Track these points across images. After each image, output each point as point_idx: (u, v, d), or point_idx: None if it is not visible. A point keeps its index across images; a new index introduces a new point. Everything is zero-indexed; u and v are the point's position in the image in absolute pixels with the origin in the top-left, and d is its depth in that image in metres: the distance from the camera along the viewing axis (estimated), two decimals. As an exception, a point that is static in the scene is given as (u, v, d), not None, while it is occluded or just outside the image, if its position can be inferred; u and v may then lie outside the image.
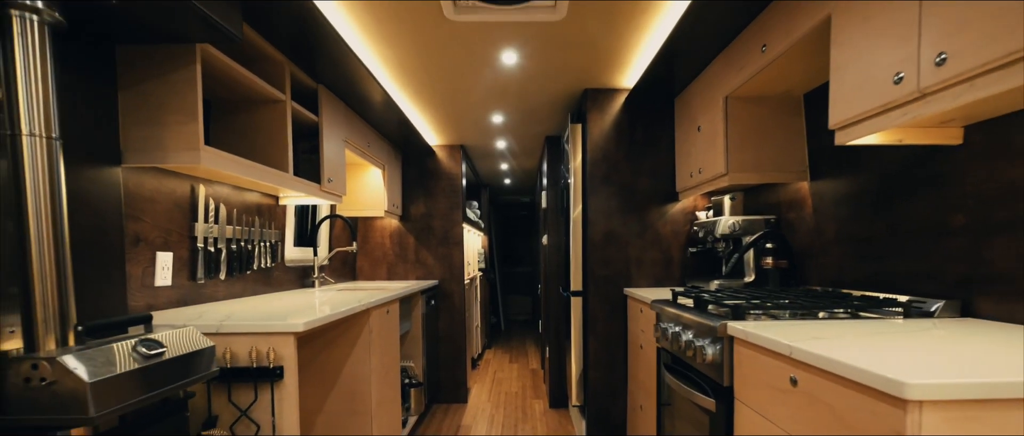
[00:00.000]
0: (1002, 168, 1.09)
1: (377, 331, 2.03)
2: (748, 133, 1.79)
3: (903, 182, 1.36)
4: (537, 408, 3.38)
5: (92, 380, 0.85)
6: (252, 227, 2.05)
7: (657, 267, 2.40)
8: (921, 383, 0.65)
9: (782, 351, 0.95)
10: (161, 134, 1.31)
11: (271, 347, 1.32)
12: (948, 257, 1.23)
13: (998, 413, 0.66)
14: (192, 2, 1.12)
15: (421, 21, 1.70)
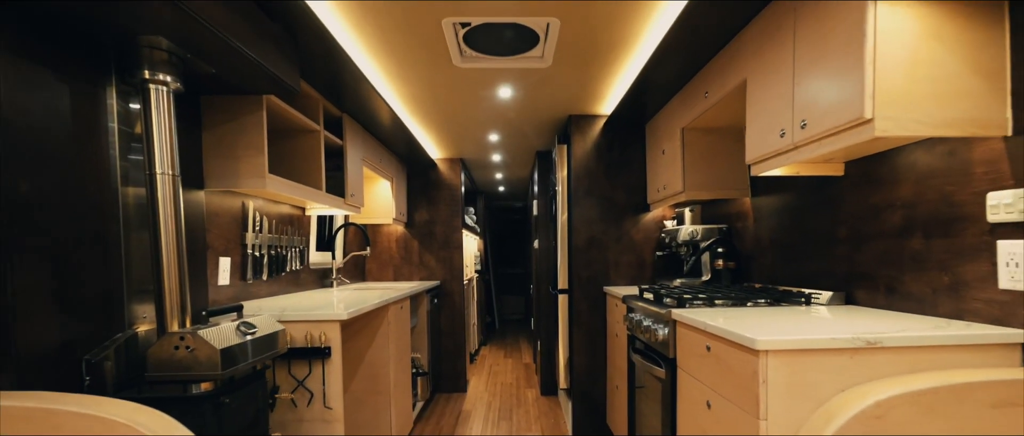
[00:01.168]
0: (868, 193, 1.49)
1: (394, 324, 2.40)
2: (701, 158, 2.19)
3: (810, 202, 1.77)
4: (529, 396, 3.77)
5: (220, 347, 1.22)
6: (285, 235, 2.41)
7: (632, 268, 2.80)
8: (765, 339, 1.05)
9: (701, 327, 1.34)
10: (235, 165, 1.68)
11: (322, 331, 1.69)
12: (837, 260, 1.64)
13: (809, 357, 1.06)
14: (267, 68, 1.49)
15: (432, 66, 2.08)
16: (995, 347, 1.08)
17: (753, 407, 1.10)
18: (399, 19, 1.65)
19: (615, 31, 1.77)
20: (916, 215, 1.32)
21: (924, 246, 1.29)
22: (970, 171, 1.16)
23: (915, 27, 1.04)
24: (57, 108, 1.17)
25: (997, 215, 1.09)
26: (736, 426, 1.18)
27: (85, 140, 1.24)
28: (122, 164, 1.36)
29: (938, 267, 1.26)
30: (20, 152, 1.07)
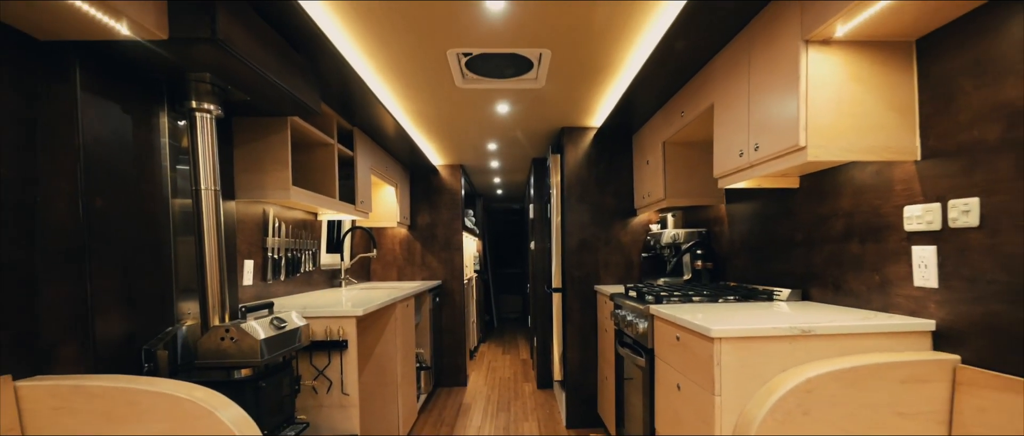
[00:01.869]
0: (817, 204, 1.71)
1: (400, 320, 2.62)
2: (681, 168, 2.41)
3: (773, 210, 1.99)
4: (526, 389, 3.98)
5: (261, 338, 1.43)
6: (299, 239, 2.62)
7: (620, 269, 3.02)
8: (718, 328, 1.26)
9: (672, 320, 1.56)
10: (263, 178, 1.89)
11: (340, 326, 1.90)
12: (795, 262, 1.86)
13: (755, 343, 1.27)
14: (293, 94, 1.70)
15: (437, 86, 2.29)
16: (909, 334, 1.31)
17: (710, 386, 1.32)
18: (408, 49, 1.86)
19: (601, 57, 1.99)
20: (854, 223, 1.54)
21: (861, 250, 1.52)
22: (892, 188, 1.38)
23: (839, 70, 1.26)
24: (123, 135, 1.38)
25: (912, 225, 1.32)
26: (698, 403, 1.40)
27: (143, 160, 1.45)
28: (172, 176, 1.57)
29: (871, 268, 1.48)
30: (97, 174, 1.28)
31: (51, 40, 1.19)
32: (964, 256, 1.19)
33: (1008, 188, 1.07)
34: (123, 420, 1.16)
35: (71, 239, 1.22)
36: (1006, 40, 1.07)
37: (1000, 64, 1.08)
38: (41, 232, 1.20)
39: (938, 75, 1.23)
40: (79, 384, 1.17)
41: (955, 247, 1.21)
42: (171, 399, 1.18)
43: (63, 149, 1.21)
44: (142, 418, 1.16)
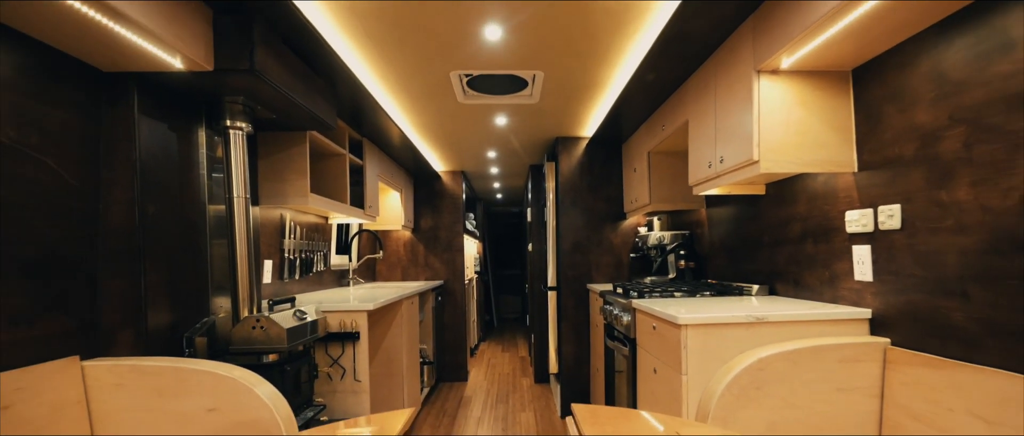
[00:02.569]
0: (780, 209, 1.92)
1: (406, 316, 2.82)
2: (664, 176, 2.62)
3: (745, 214, 2.20)
4: (524, 384, 4.18)
5: (287, 327, 1.64)
6: (312, 241, 2.83)
7: (611, 269, 3.22)
8: (685, 317, 1.47)
9: (649, 311, 1.76)
10: (284, 187, 2.10)
11: (353, 319, 2.10)
12: (763, 261, 2.06)
13: (717, 329, 1.48)
14: (314, 112, 1.91)
15: (440, 101, 2.50)
16: (850, 321, 1.51)
17: (678, 367, 1.52)
18: (415, 70, 2.07)
19: (589, 78, 2.20)
20: (809, 226, 1.74)
21: (814, 250, 1.72)
22: (837, 195, 1.59)
23: (787, 96, 1.47)
24: (169, 150, 1.58)
25: (852, 227, 1.52)
26: (670, 383, 1.60)
27: (185, 171, 1.66)
28: (207, 185, 1.78)
29: (822, 265, 1.68)
30: (150, 185, 1.49)
31: (114, 71, 1.40)
32: (891, 254, 1.39)
33: (921, 197, 1.28)
34: (173, 395, 1.37)
35: (128, 241, 1.43)
36: (917, 74, 1.27)
37: (913, 94, 1.28)
38: (102, 234, 1.41)
39: (868, 100, 1.43)
40: (136, 364, 1.38)
41: (884, 246, 1.41)
42: (214, 377, 1.38)
43: (122, 163, 1.42)
44: (190, 393, 1.37)
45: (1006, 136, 1.06)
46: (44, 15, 1.10)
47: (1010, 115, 1.05)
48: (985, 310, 1.13)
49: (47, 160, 1.25)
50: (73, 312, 1.34)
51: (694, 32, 1.60)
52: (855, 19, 1.18)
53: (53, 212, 1.27)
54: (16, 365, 1.18)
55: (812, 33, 1.24)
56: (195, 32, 1.34)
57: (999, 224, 1.08)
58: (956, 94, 1.17)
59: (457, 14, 1.60)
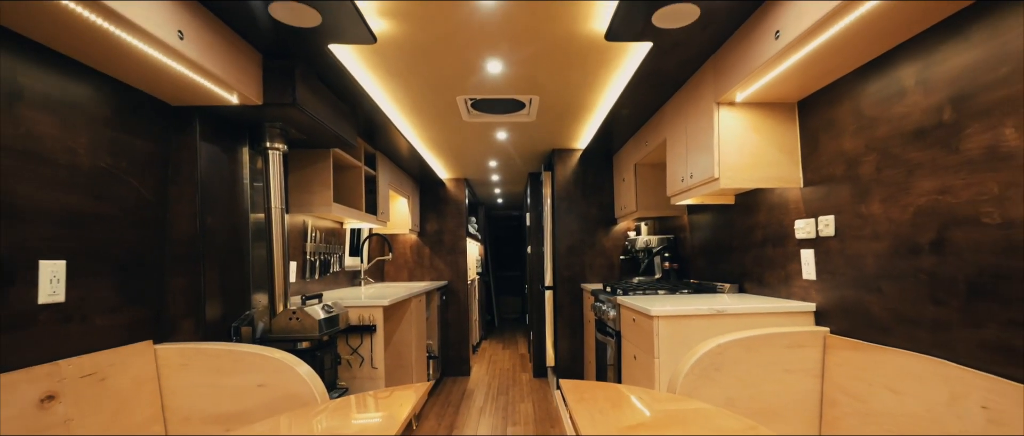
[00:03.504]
0: (746, 217, 2.19)
1: (415, 313, 3.09)
2: (649, 185, 2.89)
3: (719, 221, 2.47)
4: (523, 378, 4.45)
5: (318, 319, 1.91)
6: (329, 244, 3.10)
7: (603, 269, 3.50)
8: (656, 310, 1.74)
9: (630, 306, 2.03)
10: (310, 197, 2.38)
11: (370, 314, 2.38)
12: (734, 262, 2.33)
13: (684, 320, 1.75)
14: (339, 134, 2.18)
15: (446, 119, 2.78)
16: (798, 314, 1.78)
17: (652, 352, 1.79)
18: (425, 95, 2.35)
19: (581, 100, 2.47)
20: (768, 233, 2.02)
21: (773, 252, 1.99)
22: (788, 207, 1.86)
23: (742, 123, 1.75)
24: (221, 168, 1.87)
25: (800, 234, 1.79)
26: (646, 366, 1.87)
27: (232, 186, 1.94)
28: (250, 196, 2.06)
29: (779, 267, 1.95)
30: (207, 199, 1.77)
31: (181, 105, 1.69)
32: (828, 257, 1.66)
33: (848, 209, 1.55)
34: (229, 373, 1.64)
35: (190, 246, 1.71)
36: (843, 109, 1.55)
37: (841, 125, 1.56)
38: (170, 240, 1.69)
39: (809, 128, 1.71)
40: (198, 347, 1.65)
41: (823, 250, 1.69)
42: (263, 358, 1.66)
43: (186, 181, 1.70)
44: (243, 371, 1.64)
45: (904, 163, 1.33)
46: (140, 67, 1.38)
47: (905, 147, 1.32)
48: (893, 302, 1.40)
49: (132, 180, 1.53)
50: (148, 304, 1.62)
51: (665, 69, 1.88)
52: (789, 66, 1.46)
53: (135, 222, 1.55)
54: (109, 346, 1.46)
55: (756, 76, 1.52)
56: (250, 74, 1.63)
57: (900, 233, 1.36)
58: (870, 127, 1.44)
59: (464, 53, 1.88)
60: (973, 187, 1.13)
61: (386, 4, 1.51)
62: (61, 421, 1.27)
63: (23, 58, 1.19)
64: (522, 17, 1.60)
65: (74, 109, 1.33)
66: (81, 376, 1.34)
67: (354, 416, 1.28)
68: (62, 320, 1.31)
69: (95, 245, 1.40)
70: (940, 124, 1.21)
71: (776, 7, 1.35)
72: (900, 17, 1.17)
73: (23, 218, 1.19)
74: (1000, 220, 1.08)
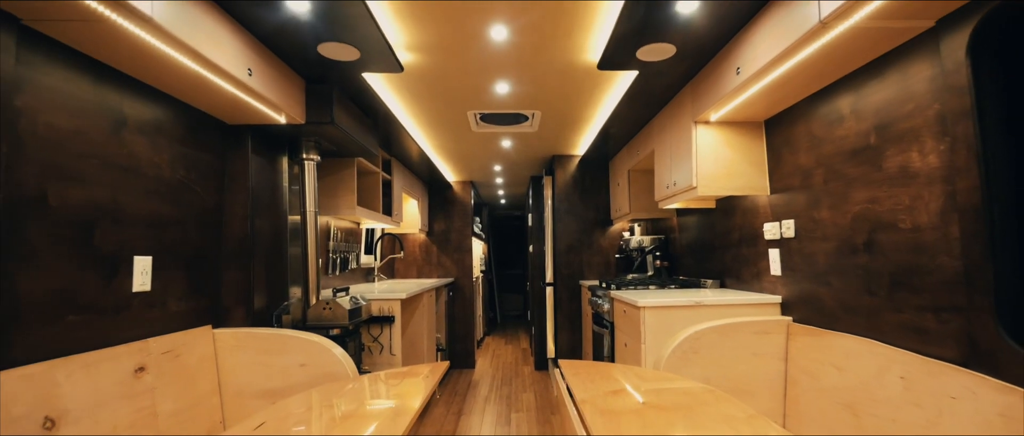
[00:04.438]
0: (725, 220, 2.46)
1: (427, 307, 3.37)
2: (641, 190, 3.16)
3: (703, 223, 2.74)
4: (525, 370, 4.72)
5: (347, 309, 2.19)
6: (348, 243, 3.38)
7: (600, 267, 3.77)
8: (643, 302, 2.01)
9: (621, 299, 2.31)
10: (336, 201, 2.66)
11: (389, 306, 2.66)
12: (717, 260, 2.60)
13: (667, 310, 2.02)
14: (364, 145, 2.46)
15: (456, 130, 3.05)
16: (766, 305, 2.05)
17: (639, 338, 2.06)
18: (439, 110, 2.63)
19: (578, 114, 2.75)
20: (743, 234, 2.29)
21: (747, 252, 2.27)
22: (759, 211, 2.13)
23: (716, 139, 2.02)
24: (267, 176, 2.14)
25: (768, 235, 2.07)
26: (634, 351, 2.14)
27: (274, 192, 2.22)
28: (288, 200, 2.34)
29: (752, 264, 2.23)
30: (257, 205, 2.05)
31: (236, 124, 1.96)
32: (790, 255, 1.94)
33: (804, 214, 1.83)
34: (277, 353, 1.92)
35: (241, 245, 1.99)
36: (799, 129, 1.82)
37: (797, 142, 1.83)
38: (225, 240, 1.97)
39: (774, 144, 1.98)
40: (249, 331, 1.93)
41: (786, 250, 1.96)
42: (304, 341, 1.93)
43: (240, 189, 1.98)
44: (287, 352, 1.92)
45: (843, 177, 1.61)
46: (213, 95, 1.66)
47: (845, 163, 1.59)
48: (839, 294, 1.67)
49: (198, 189, 1.81)
50: (208, 294, 1.90)
51: (651, 91, 2.15)
52: (750, 95, 1.73)
53: (199, 225, 1.83)
54: (180, 329, 1.74)
55: (725, 101, 1.79)
56: (295, 97, 1.91)
57: (842, 235, 1.63)
58: (819, 146, 1.71)
59: (476, 77, 2.15)
60: (892, 198, 1.41)
61: (413, 40, 1.79)
62: (148, 389, 1.55)
63: (127, 92, 1.47)
64: (527, 50, 1.88)
65: (159, 131, 1.61)
66: (162, 352, 1.62)
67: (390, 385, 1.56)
68: (148, 306, 1.59)
69: (171, 244, 1.68)
70: (868, 146, 1.48)
71: (737, 48, 1.62)
72: (834, 59, 1.45)
73: (124, 222, 1.47)
74: (911, 225, 1.35)
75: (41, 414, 1.19)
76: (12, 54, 1.12)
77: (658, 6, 1.47)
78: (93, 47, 1.29)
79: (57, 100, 1.26)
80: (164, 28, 1.21)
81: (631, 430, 1.08)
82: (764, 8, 1.46)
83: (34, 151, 1.20)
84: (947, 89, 1.18)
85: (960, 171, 1.17)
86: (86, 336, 1.35)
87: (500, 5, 1.55)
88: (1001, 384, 1.09)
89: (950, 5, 1.14)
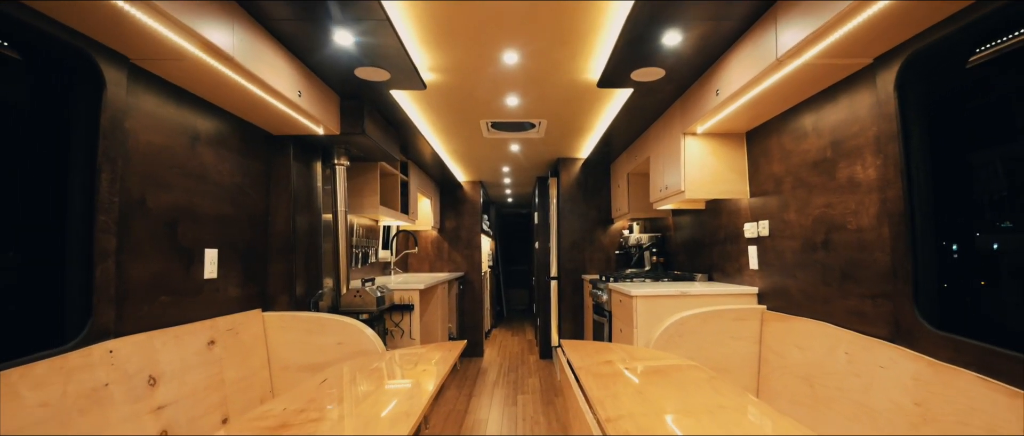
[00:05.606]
0: (713, 220, 2.72)
1: (441, 298, 3.66)
2: (639, 192, 3.43)
3: (694, 222, 3.00)
4: (531, 359, 5.01)
5: (375, 296, 2.48)
6: (368, 239, 3.68)
7: (601, 262, 4.04)
8: (635, 292, 2.29)
9: (617, 290, 2.58)
10: (361, 201, 2.95)
11: (409, 295, 2.95)
12: (706, 256, 2.87)
13: (657, 300, 2.29)
14: (388, 152, 2.74)
15: (469, 136, 3.33)
16: (745, 295, 2.31)
17: (632, 324, 2.34)
18: (454, 119, 2.91)
19: (581, 123, 3.01)
20: (728, 233, 2.55)
21: (731, 249, 2.53)
22: (740, 213, 2.39)
23: (702, 149, 2.28)
24: (305, 179, 2.44)
25: (748, 234, 2.33)
26: (628, 336, 2.42)
27: (310, 192, 2.51)
28: (322, 200, 2.63)
29: (735, 260, 2.49)
30: (297, 204, 2.34)
31: (280, 134, 2.26)
32: (765, 252, 2.20)
33: (776, 216, 2.09)
34: (317, 333, 2.22)
35: (285, 240, 2.28)
36: (772, 141, 2.08)
37: (771, 153, 2.09)
38: (271, 236, 2.27)
39: (753, 153, 2.24)
40: (293, 315, 2.23)
41: (762, 247, 2.22)
42: (340, 323, 2.23)
43: (283, 191, 2.27)
44: (326, 332, 2.21)
45: (807, 184, 1.87)
46: (268, 113, 1.95)
47: (808, 173, 1.86)
48: (802, 285, 1.94)
49: (250, 192, 2.10)
50: (258, 283, 2.20)
51: (645, 105, 2.41)
52: (729, 112, 1.99)
53: (251, 223, 2.13)
54: (237, 311, 2.04)
55: (708, 117, 2.06)
56: (331, 112, 2.19)
57: (806, 235, 1.89)
58: (788, 157, 1.97)
59: (489, 93, 2.42)
60: (843, 204, 1.67)
61: (435, 63, 2.06)
62: (218, 359, 1.85)
63: (199, 112, 1.77)
64: (534, 70, 2.15)
65: (222, 143, 1.90)
66: (226, 330, 1.92)
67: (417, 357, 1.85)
68: (215, 291, 1.89)
69: (231, 239, 1.98)
70: (825, 159, 1.74)
71: (717, 73, 1.88)
72: (796, 86, 1.70)
73: (198, 221, 1.77)
74: (856, 227, 1.61)
75: (146, 373, 1.49)
76: (123, 87, 1.41)
77: (649, 37, 1.73)
78: (180, 77, 1.58)
79: (152, 121, 1.55)
80: (239, 62, 1.49)
81: (616, 388, 1.36)
82: (736, 43, 1.72)
83: (137, 164, 1.49)
84: (881, 116, 1.44)
85: (890, 183, 1.43)
86: (174, 313, 1.65)
87: (512, 34, 1.82)
88: (914, 354, 1.35)
89: (883, 46, 1.40)
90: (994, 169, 1.29)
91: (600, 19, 1.69)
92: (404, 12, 1.64)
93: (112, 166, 1.36)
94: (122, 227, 1.42)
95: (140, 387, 1.46)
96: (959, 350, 1.25)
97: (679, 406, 1.24)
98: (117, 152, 1.39)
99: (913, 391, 1.34)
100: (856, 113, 1.57)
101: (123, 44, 1.31)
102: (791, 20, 1.38)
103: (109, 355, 1.38)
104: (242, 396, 1.95)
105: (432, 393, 1.40)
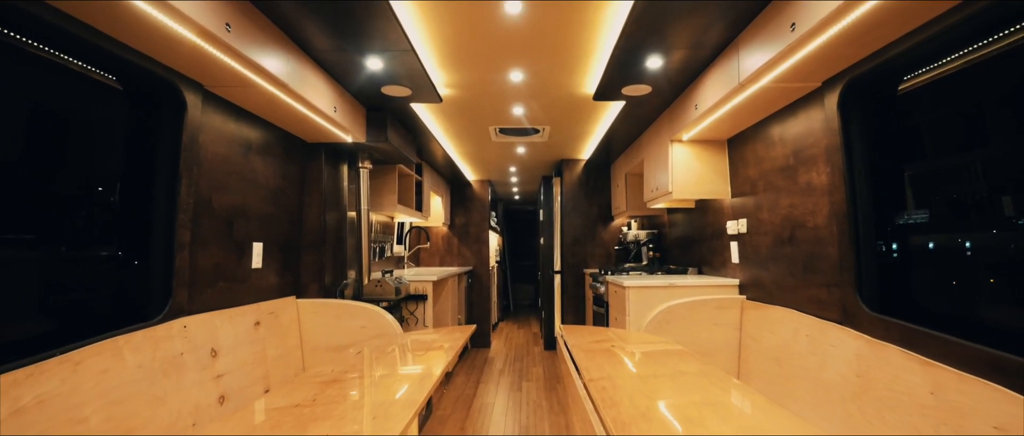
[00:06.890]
0: (702, 218, 2.97)
1: (451, 289, 3.95)
2: (636, 191, 3.68)
3: (686, 220, 3.26)
4: (536, 350, 5.30)
5: (393, 286, 2.78)
6: (384, 235, 3.98)
7: (601, 258, 4.30)
8: (627, 284, 2.55)
9: (612, 282, 2.85)
10: (381, 200, 3.24)
11: (423, 286, 3.24)
12: (696, 251, 3.12)
13: (647, 290, 2.56)
14: (406, 155, 3.03)
15: (478, 140, 3.60)
16: (728, 286, 2.57)
17: (624, 312, 2.60)
18: (465, 126, 3.18)
19: (581, 128, 3.28)
20: (714, 230, 2.80)
21: (716, 244, 2.78)
22: (724, 211, 2.65)
23: (688, 154, 2.53)
24: (333, 181, 2.73)
25: (730, 231, 2.58)
26: (621, 323, 2.69)
27: (337, 192, 2.81)
28: (347, 199, 2.93)
29: (720, 254, 2.74)
30: (326, 202, 2.64)
31: (313, 142, 2.55)
32: (744, 247, 2.45)
33: (753, 215, 2.34)
34: (345, 318, 2.51)
35: (316, 235, 2.58)
36: (748, 148, 2.33)
37: (747, 159, 2.34)
38: (304, 231, 2.56)
39: (734, 158, 2.49)
40: (323, 302, 2.53)
41: (742, 243, 2.47)
42: (364, 309, 2.52)
43: (315, 192, 2.57)
44: (352, 317, 2.51)
45: (776, 187, 2.12)
46: (306, 124, 2.24)
47: (777, 177, 2.11)
48: (775, 276, 2.19)
49: (289, 193, 2.40)
50: (292, 273, 2.50)
51: (637, 115, 2.67)
52: (709, 123, 2.24)
53: (289, 219, 2.43)
54: (276, 297, 2.34)
55: (691, 127, 2.31)
56: (359, 123, 2.48)
57: (775, 231, 2.14)
58: (761, 163, 2.23)
59: (497, 104, 2.70)
60: (804, 205, 1.92)
61: (451, 80, 2.34)
62: (262, 338, 2.15)
63: (251, 125, 2.06)
64: (538, 86, 2.42)
65: (268, 151, 2.20)
66: (268, 313, 2.22)
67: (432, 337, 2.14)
68: (260, 279, 2.19)
69: (273, 234, 2.28)
70: (789, 165, 1.99)
71: (696, 90, 2.14)
72: (762, 102, 1.96)
73: (248, 218, 2.07)
74: (813, 225, 1.87)
75: (210, 346, 1.79)
76: (199, 109, 1.71)
77: (635, 61, 1.99)
78: (240, 99, 1.88)
79: (217, 135, 1.85)
80: (291, 88, 1.78)
81: (601, 359, 1.64)
82: (709, 66, 1.98)
83: (207, 171, 1.79)
84: (828, 130, 1.70)
85: (836, 187, 1.68)
86: (229, 297, 1.95)
87: (518, 58, 2.09)
88: (856, 334, 1.61)
89: (827, 72, 1.65)
90: (917, 181, 1.54)
91: (594, 44, 1.95)
92: (426, 41, 1.92)
93: (189, 173, 1.65)
94: (194, 224, 1.72)
95: (205, 358, 1.76)
96: (888, 328, 1.51)
97: (648, 372, 1.52)
98: (193, 162, 1.69)
99: (856, 365, 1.60)
100: (811, 127, 1.83)
101: (200, 74, 1.61)
102: (750, 50, 1.63)
103: (184, 329, 1.68)
104: (280, 372, 2.25)
105: (456, 350, 1.68)
